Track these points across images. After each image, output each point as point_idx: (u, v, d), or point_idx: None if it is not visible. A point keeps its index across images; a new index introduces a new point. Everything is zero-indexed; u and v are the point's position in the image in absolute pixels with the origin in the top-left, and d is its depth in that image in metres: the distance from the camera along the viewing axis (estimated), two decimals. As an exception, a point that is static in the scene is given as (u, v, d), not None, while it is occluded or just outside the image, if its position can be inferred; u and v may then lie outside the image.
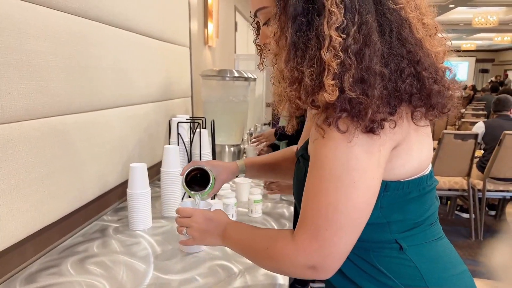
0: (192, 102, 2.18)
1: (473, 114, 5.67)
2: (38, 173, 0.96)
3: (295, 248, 0.66)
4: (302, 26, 0.62)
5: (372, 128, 0.60)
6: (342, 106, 0.59)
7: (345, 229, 0.64)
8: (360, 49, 0.60)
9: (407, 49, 0.63)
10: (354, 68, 0.59)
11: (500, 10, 8.82)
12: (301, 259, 0.66)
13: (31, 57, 0.92)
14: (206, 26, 2.51)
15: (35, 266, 0.96)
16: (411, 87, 0.62)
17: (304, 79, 0.62)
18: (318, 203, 0.64)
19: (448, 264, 0.74)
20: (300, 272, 0.67)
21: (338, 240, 0.64)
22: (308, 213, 0.66)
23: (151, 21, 1.58)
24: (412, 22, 0.65)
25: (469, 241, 3.24)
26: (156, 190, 1.51)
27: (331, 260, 0.65)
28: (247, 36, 4.72)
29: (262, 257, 0.73)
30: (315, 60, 0.61)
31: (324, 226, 0.63)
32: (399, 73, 0.62)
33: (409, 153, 0.68)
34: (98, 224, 1.23)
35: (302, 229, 0.66)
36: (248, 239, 0.77)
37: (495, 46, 16.25)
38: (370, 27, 0.61)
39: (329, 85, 0.59)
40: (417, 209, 0.72)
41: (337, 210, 0.63)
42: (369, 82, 0.59)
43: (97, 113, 1.22)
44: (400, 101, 0.62)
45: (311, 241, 0.65)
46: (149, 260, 1.00)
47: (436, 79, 0.65)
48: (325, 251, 0.64)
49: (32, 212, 0.95)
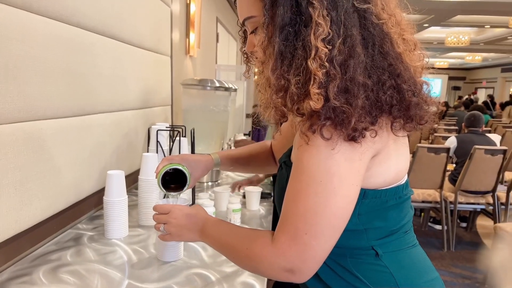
0: (172, 111, 2.17)
1: (445, 129, 5.86)
2: (11, 179, 0.93)
3: (274, 251, 0.67)
4: (289, 36, 0.64)
5: (354, 136, 0.62)
6: (327, 114, 0.61)
7: (323, 234, 0.65)
8: (344, 60, 0.62)
9: (388, 62, 0.66)
10: (339, 78, 0.61)
11: (472, 31, 9.24)
12: (279, 262, 0.67)
13: (8, 59, 0.90)
14: (188, 36, 2.52)
15: (6, 275, 0.93)
16: (392, 99, 0.65)
17: (290, 87, 0.64)
18: (298, 206, 0.65)
19: (421, 271, 0.77)
20: (277, 274, 0.68)
21: (316, 244, 0.65)
22: (288, 215, 0.67)
23: (133, 29, 1.58)
24: (393, 37, 0.68)
25: (441, 252, 3.32)
26: (133, 199, 1.49)
27: (309, 264, 0.66)
28: (228, 47, 4.75)
29: (241, 257, 0.73)
30: (301, 69, 0.63)
31: (304, 229, 0.65)
32: (381, 85, 0.64)
33: (388, 162, 0.71)
34: (73, 232, 1.20)
35: (281, 232, 0.67)
36: (228, 237, 0.77)
37: (466, 65, 16.95)
38: (354, 39, 0.63)
39: (314, 94, 0.61)
40: (393, 217, 0.75)
41: (316, 214, 0.64)
42: (353, 92, 0.61)
43: (75, 118, 1.20)
44: (381, 112, 0.65)
45: (290, 244, 0.65)
46: (124, 268, 0.99)
47: (414, 92, 0.68)
48: (304, 255, 0.65)
49: (3, 219, 0.92)
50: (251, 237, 0.73)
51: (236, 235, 0.76)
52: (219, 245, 0.79)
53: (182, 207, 0.87)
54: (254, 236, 0.73)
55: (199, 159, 1.06)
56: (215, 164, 1.09)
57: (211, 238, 0.80)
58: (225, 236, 0.78)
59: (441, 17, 7.39)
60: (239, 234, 0.76)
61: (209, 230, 0.81)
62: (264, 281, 0.95)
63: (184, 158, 1.02)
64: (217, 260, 1.05)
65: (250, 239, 0.72)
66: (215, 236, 0.80)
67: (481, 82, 17.70)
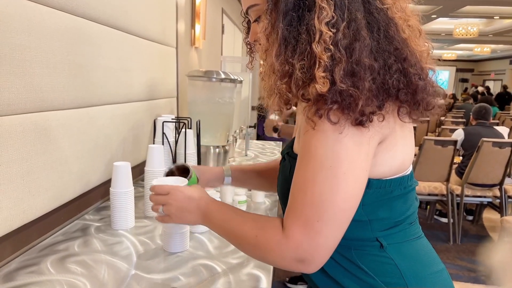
0: (178, 103, 2.17)
1: (452, 122, 5.81)
2: (18, 170, 0.94)
3: (284, 241, 0.66)
4: (293, 21, 0.63)
5: (362, 121, 0.61)
6: (333, 98, 0.60)
7: (335, 220, 0.64)
8: (350, 43, 0.61)
9: (394, 46, 0.65)
10: (344, 61, 0.60)
11: (481, 22, 9.10)
12: (290, 252, 0.65)
13: (15, 51, 0.90)
14: (193, 27, 2.50)
15: (14, 265, 0.94)
16: (399, 82, 0.64)
17: (295, 72, 0.63)
18: (307, 194, 0.64)
19: (426, 263, 0.76)
20: (288, 264, 0.67)
21: (328, 231, 0.64)
22: (297, 204, 0.66)
23: (139, 20, 1.57)
24: (398, 22, 0.67)
25: (447, 245, 3.31)
26: (139, 190, 1.50)
27: (320, 252, 0.65)
28: (233, 39, 4.73)
29: (249, 245, 0.71)
30: (305, 53, 0.62)
31: (315, 217, 0.63)
32: (387, 69, 0.64)
33: (393, 150, 0.70)
34: (80, 223, 1.21)
35: (291, 221, 0.66)
36: (234, 224, 0.74)
37: (475, 57, 16.73)
38: (359, 23, 0.62)
39: (320, 77, 0.60)
40: (398, 208, 0.74)
41: (327, 200, 0.63)
42: (359, 75, 0.60)
43: (82, 110, 1.20)
44: (388, 96, 0.64)
45: (302, 232, 0.64)
46: (131, 259, 0.99)
47: (421, 75, 0.67)
48: (316, 244, 0.64)
49: (11, 210, 0.93)
50: (259, 224, 0.71)
51: (243, 222, 0.73)
52: (223, 231, 0.76)
53: (182, 188, 0.82)
54: (263, 223, 0.71)
55: (208, 167, 1.05)
56: (226, 174, 1.05)
57: (215, 223, 0.77)
58: (231, 222, 0.75)
59: (450, 8, 7.28)
60: (246, 221, 0.73)
61: (213, 214, 0.78)
62: (270, 272, 0.95)
63: (194, 166, 1.02)
64: (223, 251, 1.05)
65: (258, 227, 0.70)
66: (219, 221, 0.77)
67: (489, 74, 17.49)
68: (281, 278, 2.67)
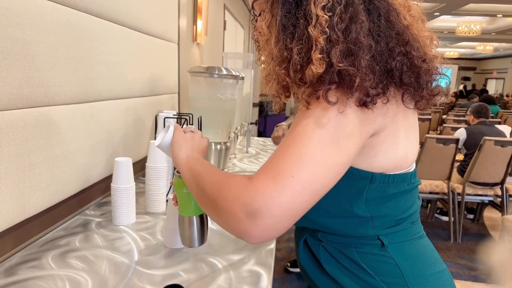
0: (179, 99, 2.17)
1: (454, 120, 5.80)
2: (20, 164, 0.94)
3: (246, 184, 0.58)
4: (291, 8, 0.64)
5: (366, 101, 0.61)
6: (331, 78, 0.60)
7: (311, 184, 0.57)
8: (346, 26, 0.61)
9: (395, 31, 0.65)
10: (341, 42, 0.60)
11: (484, 20, 9.06)
12: (245, 197, 0.57)
13: (16, 45, 0.90)
14: (195, 23, 2.49)
15: (15, 259, 0.94)
16: (402, 65, 0.64)
17: (293, 57, 0.63)
18: (294, 148, 0.59)
19: (428, 263, 0.76)
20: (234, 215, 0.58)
21: (298, 192, 0.56)
22: (277, 156, 0.60)
23: (141, 15, 1.56)
24: (399, 9, 0.68)
25: (448, 243, 3.31)
26: (140, 186, 1.50)
27: (278, 212, 0.56)
28: (235, 35, 4.71)
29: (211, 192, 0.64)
30: (303, 38, 0.62)
31: (292, 171, 0.57)
32: (389, 52, 0.64)
33: (395, 138, 0.69)
34: (81, 218, 1.21)
35: (263, 169, 0.60)
36: (207, 171, 0.70)
37: (477, 55, 16.67)
38: (356, 8, 0.63)
39: (316, 59, 0.60)
40: (401, 205, 0.74)
41: (312, 159, 0.58)
42: (356, 54, 0.60)
43: (83, 105, 1.20)
44: (392, 79, 0.64)
45: (268, 182, 0.57)
46: (132, 255, 0.99)
47: (425, 59, 0.67)
48: (279, 198, 0.56)
49: (12, 204, 0.93)
50: (230, 174, 0.65)
51: (217, 171, 0.69)
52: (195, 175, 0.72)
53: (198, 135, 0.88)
54: (232, 174, 0.65)
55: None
56: None
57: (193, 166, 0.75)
58: (204, 171, 0.71)
59: (453, 6, 7.24)
60: (220, 172, 0.69)
61: (195, 160, 0.77)
62: (271, 269, 0.95)
63: None
64: (224, 247, 1.05)
65: (227, 175, 0.65)
66: (195, 167, 0.74)
67: (492, 73, 17.42)
68: (282, 265, 2.68)
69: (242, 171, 1.88)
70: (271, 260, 0.99)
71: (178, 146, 0.83)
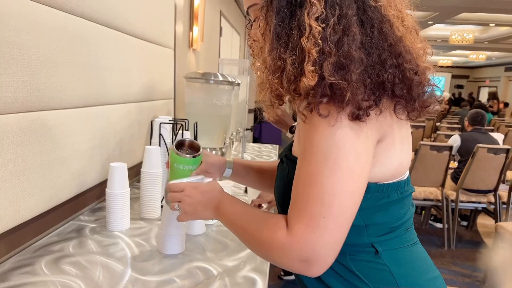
0: (175, 104, 2.17)
1: (448, 127, 5.85)
2: (14, 169, 0.93)
3: (290, 239, 0.63)
4: (285, 18, 0.65)
5: (358, 115, 0.61)
6: (323, 91, 0.61)
7: (340, 216, 0.62)
8: (339, 38, 0.62)
9: (388, 42, 0.66)
10: (333, 55, 0.61)
11: (476, 29, 9.17)
12: (294, 250, 0.63)
13: (13, 49, 0.90)
14: (191, 29, 2.50)
15: (7, 265, 0.93)
16: (394, 77, 0.65)
17: (286, 67, 0.64)
18: (314, 188, 0.62)
19: (421, 269, 0.76)
20: (290, 264, 0.65)
21: (335, 228, 0.62)
22: (302, 200, 0.64)
23: (137, 21, 1.57)
24: (392, 20, 0.68)
25: (441, 250, 3.32)
26: (135, 191, 1.49)
27: (326, 251, 0.63)
28: (231, 42, 4.73)
29: (254, 241, 0.71)
30: (297, 48, 0.63)
31: (321, 213, 0.62)
32: (381, 63, 0.64)
33: (391, 151, 0.70)
34: (75, 224, 1.20)
35: (296, 217, 0.64)
36: (242, 218, 0.74)
37: (470, 63, 16.85)
38: (349, 20, 0.63)
39: (309, 71, 0.61)
40: (395, 213, 0.74)
41: (334, 194, 0.61)
42: (348, 68, 0.61)
43: (79, 110, 1.19)
44: (384, 91, 0.64)
45: (307, 229, 0.62)
46: (126, 261, 0.99)
47: (417, 71, 0.67)
48: (321, 242, 0.62)
49: (5, 209, 0.92)
50: (265, 221, 0.70)
51: (251, 217, 0.73)
52: (232, 226, 0.76)
53: (196, 184, 0.83)
54: (269, 220, 0.69)
55: (215, 155, 1.04)
56: (228, 166, 1.04)
57: (226, 217, 0.77)
58: (240, 216, 0.75)
59: (446, 15, 7.33)
60: (254, 217, 0.73)
61: (224, 208, 0.78)
62: (266, 275, 0.95)
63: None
64: (219, 254, 1.05)
65: (264, 223, 0.69)
66: (229, 216, 0.77)
67: (485, 81, 17.62)
68: (276, 272, 2.67)
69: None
70: (266, 266, 0.99)
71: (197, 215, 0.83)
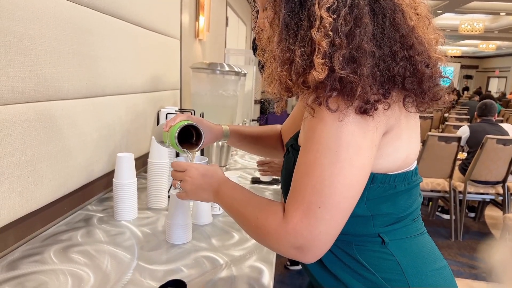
0: (181, 95, 2.16)
1: (456, 118, 5.78)
2: (22, 159, 0.94)
3: (283, 226, 0.64)
4: (294, 8, 0.63)
5: (366, 109, 0.60)
6: (333, 85, 0.59)
7: (337, 208, 0.62)
8: (350, 29, 0.60)
9: (400, 33, 0.64)
10: (344, 48, 0.59)
11: (487, 18, 9.02)
12: (288, 238, 0.64)
13: (19, 39, 0.89)
14: (197, 19, 2.49)
15: (17, 254, 0.94)
16: (405, 70, 0.63)
17: (295, 59, 0.62)
18: (310, 178, 0.62)
19: (428, 259, 0.76)
20: (285, 250, 0.66)
21: (330, 219, 0.62)
22: (300, 189, 0.64)
23: (143, 11, 1.56)
24: (405, 9, 0.66)
25: (448, 241, 3.31)
26: (141, 182, 1.50)
27: (320, 241, 0.63)
28: (237, 32, 4.70)
29: (250, 226, 0.71)
30: (306, 40, 0.61)
31: (317, 203, 0.62)
32: (392, 56, 0.62)
33: (398, 142, 0.69)
34: (83, 213, 1.22)
35: (292, 206, 0.64)
36: (240, 203, 0.74)
37: (479, 53, 16.61)
38: (361, 10, 0.61)
39: (318, 64, 0.59)
40: (402, 203, 0.73)
41: (331, 186, 0.61)
42: (359, 61, 0.59)
43: (86, 100, 1.20)
44: (394, 84, 0.63)
45: (302, 218, 0.62)
46: (133, 250, 0.99)
47: (428, 64, 0.66)
48: (316, 231, 0.62)
49: (14, 199, 0.93)
50: (262, 208, 0.70)
51: (249, 203, 0.73)
52: (231, 210, 0.77)
53: (198, 166, 0.83)
54: (265, 207, 0.70)
55: (211, 126, 1.03)
56: (224, 136, 1.05)
57: (224, 201, 0.78)
58: (238, 201, 0.75)
59: (456, 3, 7.21)
60: (251, 202, 0.73)
61: (224, 193, 0.78)
62: (273, 265, 0.95)
63: (199, 120, 1.00)
64: (225, 243, 1.05)
65: (260, 210, 0.70)
66: (228, 200, 0.77)
67: (494, 71, 17.36)
68: (283, 261, 2.69)
69: (243, 168, 1.88)
70: (272, 256, 0.99)
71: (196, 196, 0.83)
